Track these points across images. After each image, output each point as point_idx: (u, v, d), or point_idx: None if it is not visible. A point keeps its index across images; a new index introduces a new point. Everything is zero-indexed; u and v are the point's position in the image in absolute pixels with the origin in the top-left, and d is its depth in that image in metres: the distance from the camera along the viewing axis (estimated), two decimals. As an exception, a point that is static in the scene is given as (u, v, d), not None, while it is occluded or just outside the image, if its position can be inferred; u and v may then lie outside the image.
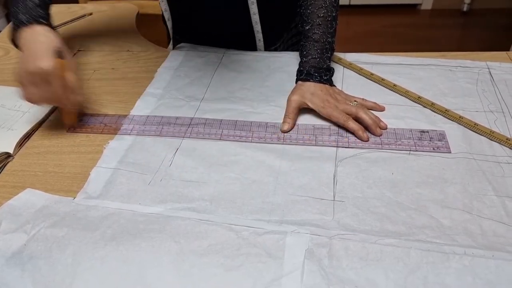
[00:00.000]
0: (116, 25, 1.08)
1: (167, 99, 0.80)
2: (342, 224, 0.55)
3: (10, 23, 0.72)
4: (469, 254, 0.51)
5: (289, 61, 0.89)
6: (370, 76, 0.82)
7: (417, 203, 0.58)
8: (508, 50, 0.92)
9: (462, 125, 0.70)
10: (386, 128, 0.70)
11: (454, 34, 2.56)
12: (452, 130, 0.69)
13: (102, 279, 0.49)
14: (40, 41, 0.66)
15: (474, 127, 0.69)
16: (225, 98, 0.79)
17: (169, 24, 0.93)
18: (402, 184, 0.60)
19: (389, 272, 0.49)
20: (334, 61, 0.88)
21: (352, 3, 2.76)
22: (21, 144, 0.71)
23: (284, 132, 0.71)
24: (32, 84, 0.65)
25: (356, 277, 0.49)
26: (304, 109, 0.74)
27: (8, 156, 0.69)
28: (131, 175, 0.65)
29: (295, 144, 0.68)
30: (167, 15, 0.92)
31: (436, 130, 0.69)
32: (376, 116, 0.71)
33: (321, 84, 0.74)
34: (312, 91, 0.73)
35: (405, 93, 0.77)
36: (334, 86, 0.77)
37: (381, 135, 0.69)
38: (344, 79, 0.83)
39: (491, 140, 0.67)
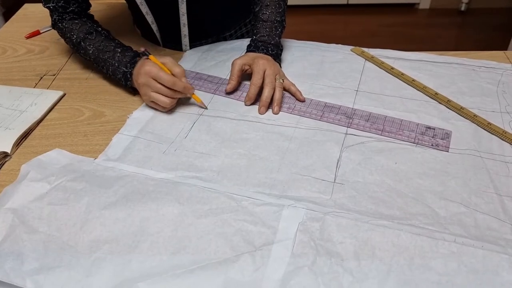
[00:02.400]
0: (114, 24, 1.05)
1: (191, 78, 0.85)
2: (338, 203, 0.57)
3: (118, 73, 0.78)
4: (458, 242, 0.52)
5: (313, 51, 0.92)
6: (390, 70, 0.83)
7: (415, 192, 0.59)
8: (505, 49, 0.91)
9: (475, 123, 0.70)
10: (277, 113, 0.74)
11: (451, 33, 2.51)
12: (464, 128, 0.70)
13: (108, 227, 0.54)
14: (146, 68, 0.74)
15: (487, 126, 0.69)
16: (247, 80, 0.83)
17: (154, 27, 0.92)
18: (403, 173, 0.62)
19: (377, 250, 0.51)
20: (357, 54, 0.89)
21: (350, 2, 2.74)
22: (18, 144, 0.71)
23: (226, 91, 0.78)
24: (158, 91, 0.73)
25: (343, 252, 0.51)
26: (317, 87, 0.79)
27: (6, 155, 0.68)
28: (149, 143, 0.69)
29: (303, 116, 0.73)
30: (150, 19, 0.90)
31: (443, 129, 0.69)
32: (280, 100, 0.75)
33: (266, 55, 0.80)
34: (256, 56, 0.79)
35: (423, 89, 0.78)
36: (279, 63, 0.83)
37: (262, 113, 0.74)
38: (364, 71, 0.84)
39: (502, 140, 0.67)
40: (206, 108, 0.76)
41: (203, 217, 0.55)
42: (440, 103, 0.75)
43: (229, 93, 0.79)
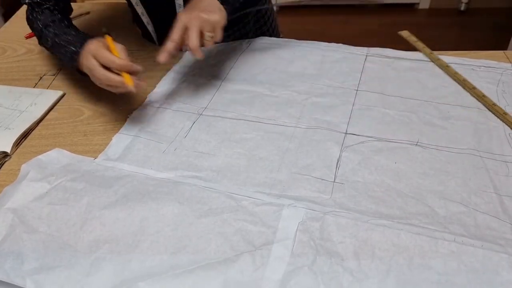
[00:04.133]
0: (114, 24, 1.06)
1: (191, 77, 0.85)
2: (338, 203, 0.57)
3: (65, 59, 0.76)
4: (458, 241, 0.52)
5: (313, 50, 0.92)
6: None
7: (415, 191, 0.59)
8: (505, 49, 0.91)
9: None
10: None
11: (451, 33, 2.51)
12: (464, 127, 0.69)
13: (108, 226, 0.54)
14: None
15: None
16: (246, 79, 0.83)
17: (150, 27, 0.92)
18: (403, 173, 0.62)
19: (376, 250, 0.51)
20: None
21: (350, 2, 2.75)
22: (18, 143, 0.71)
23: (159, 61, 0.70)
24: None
25: (343, 251, 0.51)
26: (317, 87, 0.77)
27: (5, 155, 0.68)
28: (149, 143, 0.69)
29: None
30: (145, 19, 0.91)
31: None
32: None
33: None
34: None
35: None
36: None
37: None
38: (364, 71, 0.84)
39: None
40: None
41: (203, 217, 0.55)
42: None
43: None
